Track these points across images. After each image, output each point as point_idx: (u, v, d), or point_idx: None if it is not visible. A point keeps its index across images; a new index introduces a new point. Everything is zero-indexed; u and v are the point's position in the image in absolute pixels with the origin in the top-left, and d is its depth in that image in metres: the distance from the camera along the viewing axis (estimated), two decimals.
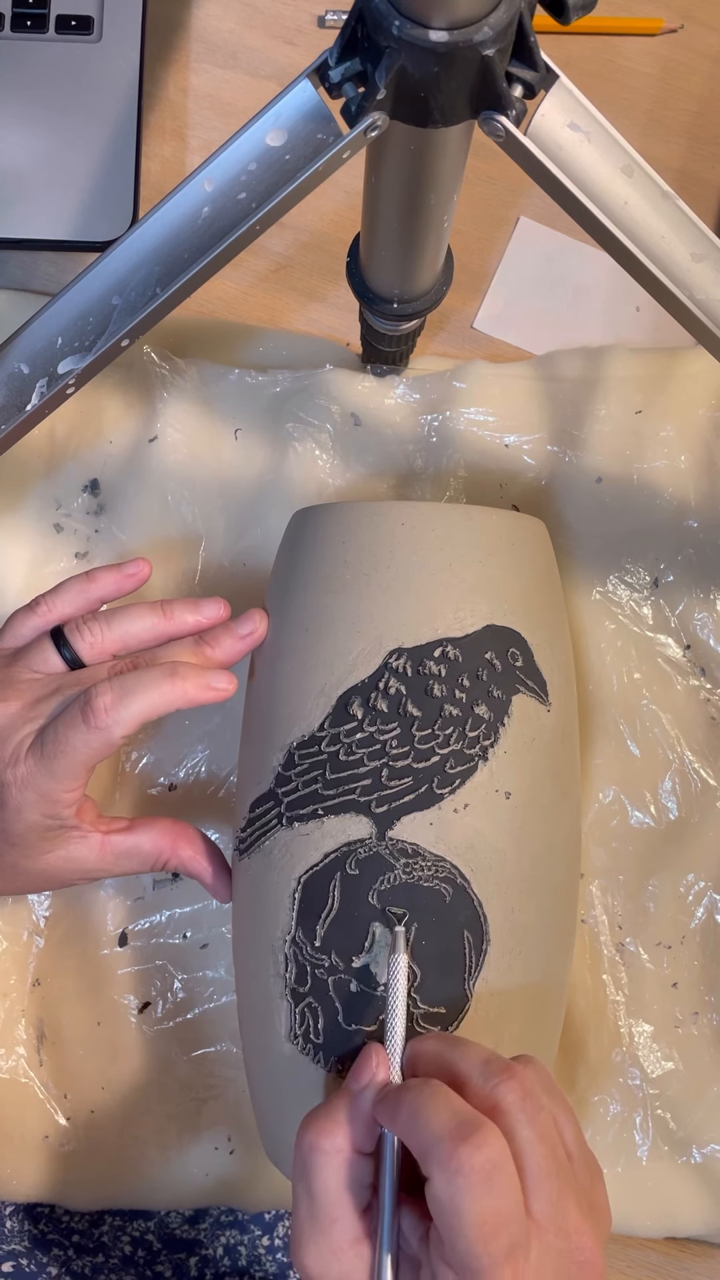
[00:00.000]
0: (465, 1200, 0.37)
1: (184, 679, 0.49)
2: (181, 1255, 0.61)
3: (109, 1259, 0.61)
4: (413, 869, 0.47)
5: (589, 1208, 0.40)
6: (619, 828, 0.62)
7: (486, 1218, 0.37)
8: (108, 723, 0.47)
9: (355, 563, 0.51)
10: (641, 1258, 0.61)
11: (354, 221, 0.53)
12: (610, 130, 0.43)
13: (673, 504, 0.64)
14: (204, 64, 0.71)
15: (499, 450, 0.65)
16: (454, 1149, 0.37)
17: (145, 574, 0.54)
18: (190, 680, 0.49)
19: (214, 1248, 0.61)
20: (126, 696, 0.47)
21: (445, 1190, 0.37)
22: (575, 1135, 0.42)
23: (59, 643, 0.52)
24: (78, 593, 0.53)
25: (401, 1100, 0.40)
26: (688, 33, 0.72)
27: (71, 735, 0.48)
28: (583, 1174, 0.41)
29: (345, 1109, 0.42)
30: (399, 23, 0.36)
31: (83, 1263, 0.60)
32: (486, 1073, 0.40)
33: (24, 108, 0.68)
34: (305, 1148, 0.42)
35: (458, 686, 0.49)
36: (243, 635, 0.52)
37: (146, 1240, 0.61)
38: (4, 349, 0.49)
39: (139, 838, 0.52)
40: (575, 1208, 0.39)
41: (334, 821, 0.49)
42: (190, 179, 0.44)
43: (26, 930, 0.62)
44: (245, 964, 0.52)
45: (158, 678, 0.48)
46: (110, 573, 0.54)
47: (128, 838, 0.52)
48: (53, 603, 0.53)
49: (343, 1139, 0.41)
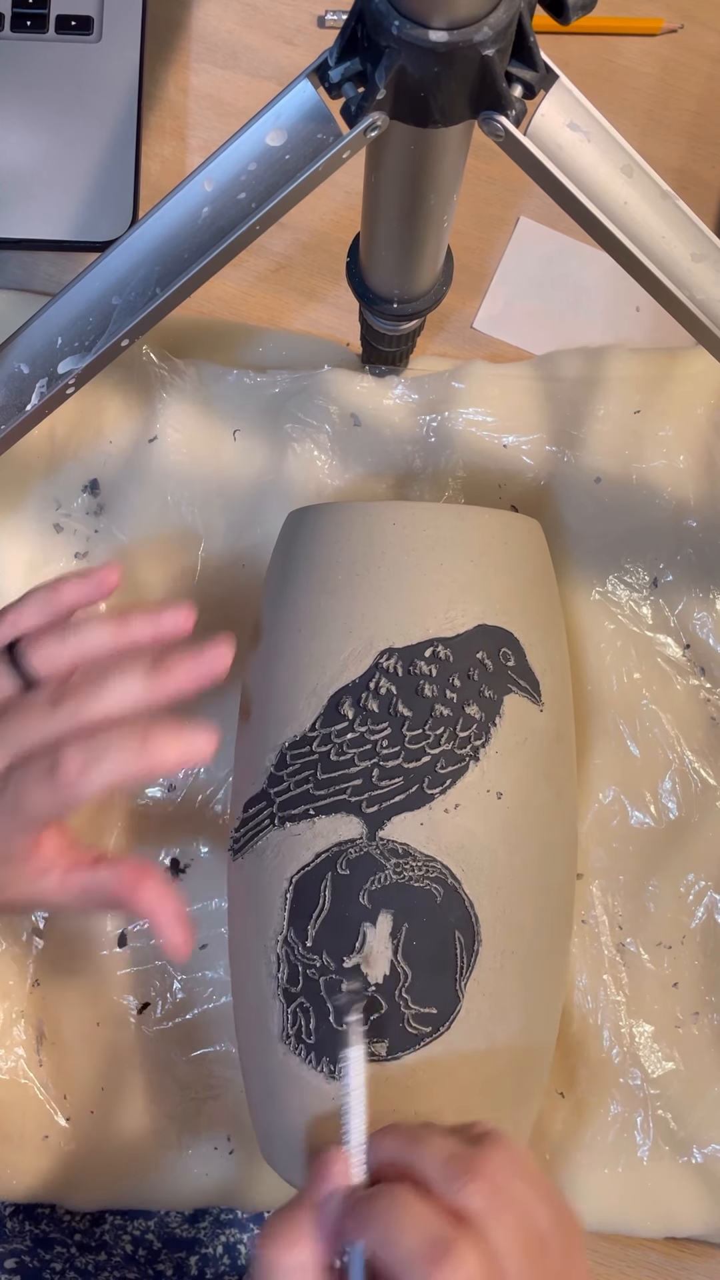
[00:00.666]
0: None
1: (158, 747, 0.45)
2: (182, 1254, 0.61)
3: (111, 1257, 0.61)
4: (403, 869, 0.47)
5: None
6: (619, 828, 0.62)
7: None
8: (74, 786, 0.44)
9: (347, 563, 0.51)
10: (641, 1258, 0.61)
11: (354, 221, 0.53)
12: (610, 130, 0.43)
13: (672, 504, 0.64)
14: (204, 64, 0.71)
15: (498, 450, 0.65)
16: (429, 1271, 0.37)
17: (113, 582, 0.50)
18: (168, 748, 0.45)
19: (214, 1246, 0.61)
20: (96, 763, 0.45)
21: None
22: (548, 1215, 0.41)
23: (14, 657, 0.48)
24: (43, 603, 0.50)
25: (371, 1213, 0.39)
26: (688, 33, 0.72)
27: (36, 792, 0.45)
28: (556, 1259, 0.40)
29: (308, 1221, 0.41)
30: (399, 23, 0.36)
31: (85, 1260, 0.60)
32: (448, 1175, 0.40)
33: (24, 108, 0.68)
34: (267, 1265, 0.40)
35: (448, 686, 0.49)
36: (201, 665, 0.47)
37: (147, 1239, 0.61)
38: (4, 349, 0.49)
39: (101, 877, 0.49)
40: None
41: (325, 821, 0.48)
42: (190, 179, 0.44)
43: (26, 931, 0.62)
44: (240, 964, 0.52)
45: (128, 747, 0.45)
46: (75, 582, 0.50)
47: (89, 876, 0.49)
48: (16, 615, 0.50)
49: (306, 1255, 0.40)
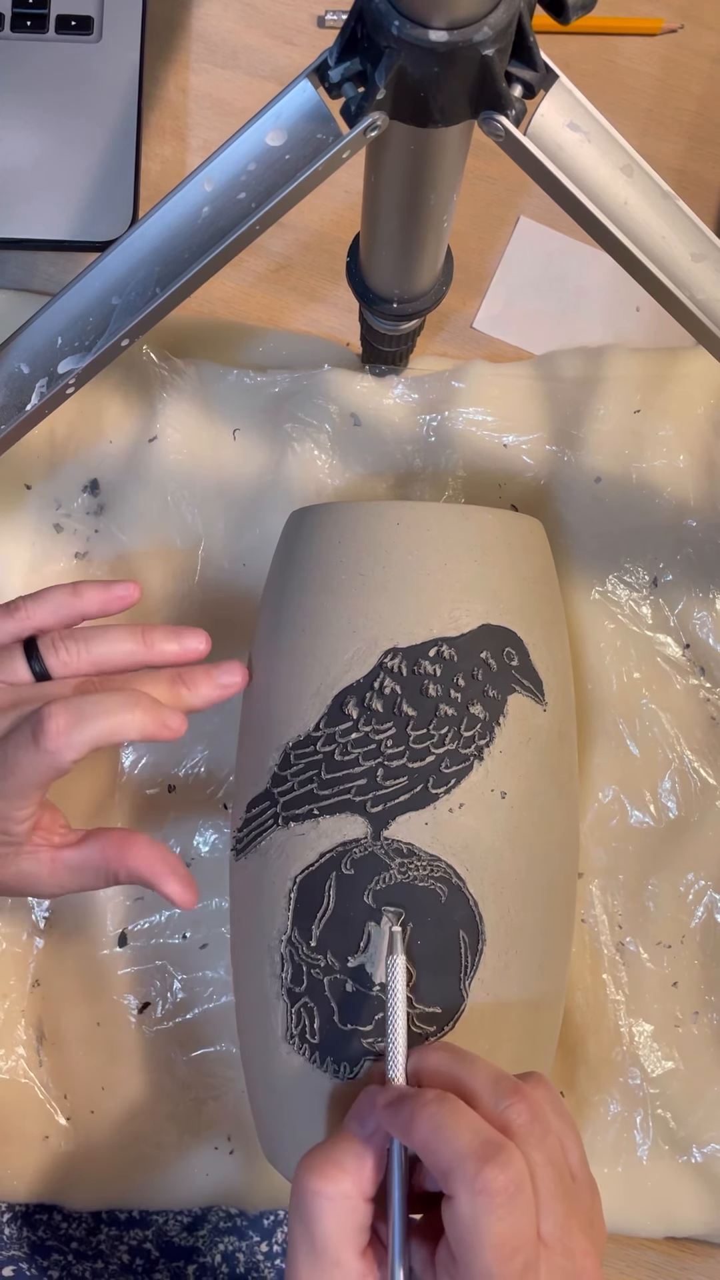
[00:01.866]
0: (488, 1220, 0.37)
1: (143, 711, 0.47)
2: (179, 1263, 0.61)
3: (108, 1265, 0.61)
4: (408, 869, 0.47)
5: (589, 1226, 0.41)
6: (619, 827, 0.62)
7: (506, 1238, 0.38)
8: (58, 746, 0.45)
9: (351, 563, 0.51)
10: (641, 1258, 0.61)
11: (354, 221, 0.53)
12: (610, 130, 0.43)
13: (672, 503, 0.64)
14: (204, 64, 0.71)
15: (498, 450, 0.65)
16: (479, 1168, 0.38)
17: (134, 598, 0.52)
18: (148, 714, 0.47)
19: (212, 1255, 0.61)
20: (81, 721, 0.45)
21: (469, 1209, 0.38)
22: (579, 1157, 0.42)
23: (31, 654, 0.50)
24: (60, 604, 0.51)
25: (420, 1113, 0.40)
26: (688, 33, 0.72)
27: (20, 756, 0.46)
28: (585, 1195, 0.42)
29: (349, 1153, 0.42)
30: (399, 23, 0.36)
31: (83, 1268, 0.60)
32: (497, 1092, 0.41)
33: (24, 108, 0.68)
34: (307, 1192, 0.41)
35: (453, 686, 0.49)
36: (222, 685, 0.50)
37: (145, 1249, 0.61)
38: (4, 349, 0.49)
39: (89, 851, 0.50)
40: (579, 1228, 0.40)
41: (329, 821, 0.48)
42: (190, 179, 0.44)
43: (26, 931, 0.62)
44: (242, 964, 0.52)
45: (116, 706, 0.46)
46: (97, 590, 0.51)
47: (78, 852, 0.50)
48: (33, 610, 0.51)
49: (349, 1185, 0.41)
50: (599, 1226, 0.42)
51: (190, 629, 0.51)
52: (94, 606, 0.51)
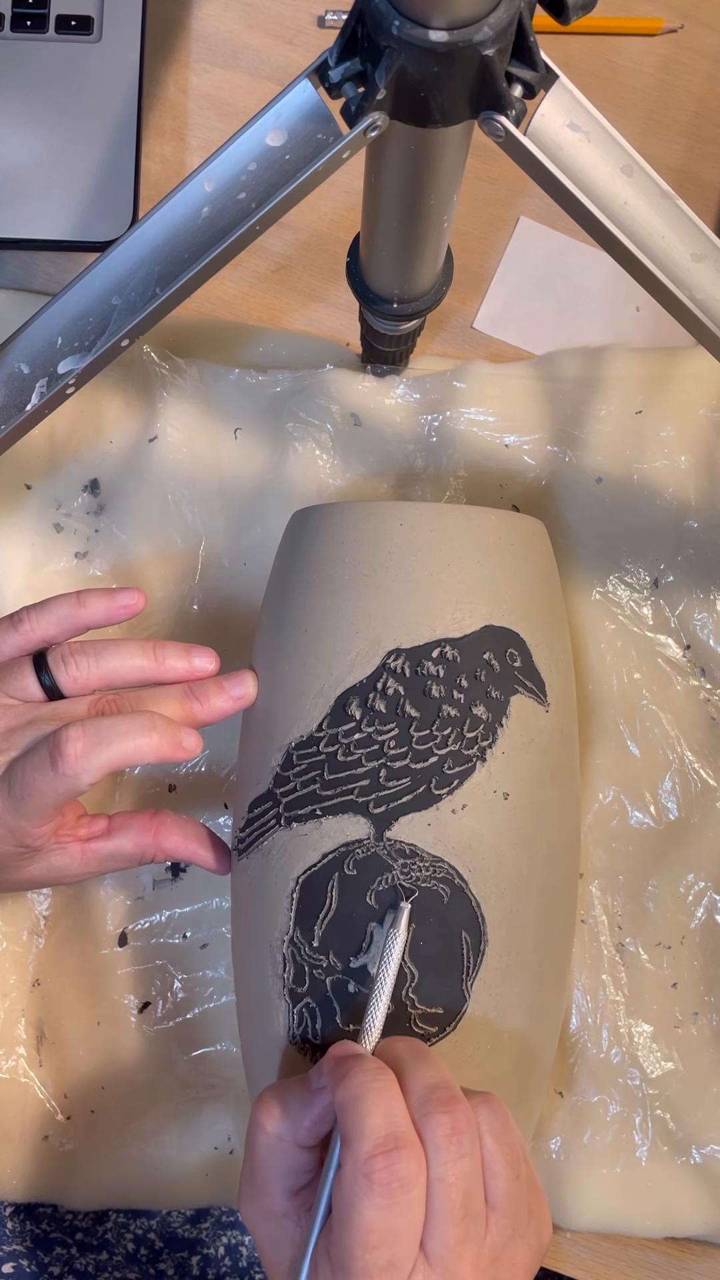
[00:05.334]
0: (362, 1203, 0.38)
1: (159, 734, 0.47)
2: (183, 1254, 0.61)
3: (112, 1256, 0.61)
4: (410, 869, 0.47)
5: (489, 1264, 0.40)
6: (619, 828, 0.62)
7: (375, 1228, 0.38)
8: (76, 770, 0.45)
9: (353, 563, 0.51)
10: (641, 1258, 0.61)
11: (354, 221, 0.53)
12: (610, 130, 0.43)
13: (673, 504, 0.64)
14: (204, 64, 0.71)
15: (499, 450, 0.65)
16: (372, 1152, 0.39)
17: (139, 606, 0.52)
18: (164, 736, 0.47)
19: (215, 1247, 0.61)
20: (99, 745, 0.46)
21: (350, 1185, 0.39)
22: (505, 1190, 0.41)
23: (40, 668, 0.50)
24: (65, 615, 0.51)
25: (352, 1076, 0.41)
26: (688, 33, 0.72)
27: (38, 779, 0.46)
28: (497, 1231, 0.41)
29: (296, 1099, 0.43)
30: (399, 23, 0.36)
31: (86, 1261, 0.60)
32: (428, 1098, 0.41)
33: (24, 108, 0.68)
34: (251, 1121, 0.44)
35: (456, 687, 0.49)
36: (234, 697, 0.51)
37: (149, 1239, 0.61)
38: (4, 349, 0.49)
39: (119, 840, 0.52)
40: (471, 1261, 0.40)
41: (332, 822, 0.49)
42: (190, 179, 0.44)
43: (26, 930, 0.62)
44: (244, 964, 0.52)
45: (133, 729, 0.46)
46: (102, 599, 0.51)
47: (108, 843, 0.51)
48: (37, 621, 0.51)
49: (285, 1128, 0.43)
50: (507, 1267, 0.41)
51: (200, 648, 0.51)
52: (99, 616, 0.51)
